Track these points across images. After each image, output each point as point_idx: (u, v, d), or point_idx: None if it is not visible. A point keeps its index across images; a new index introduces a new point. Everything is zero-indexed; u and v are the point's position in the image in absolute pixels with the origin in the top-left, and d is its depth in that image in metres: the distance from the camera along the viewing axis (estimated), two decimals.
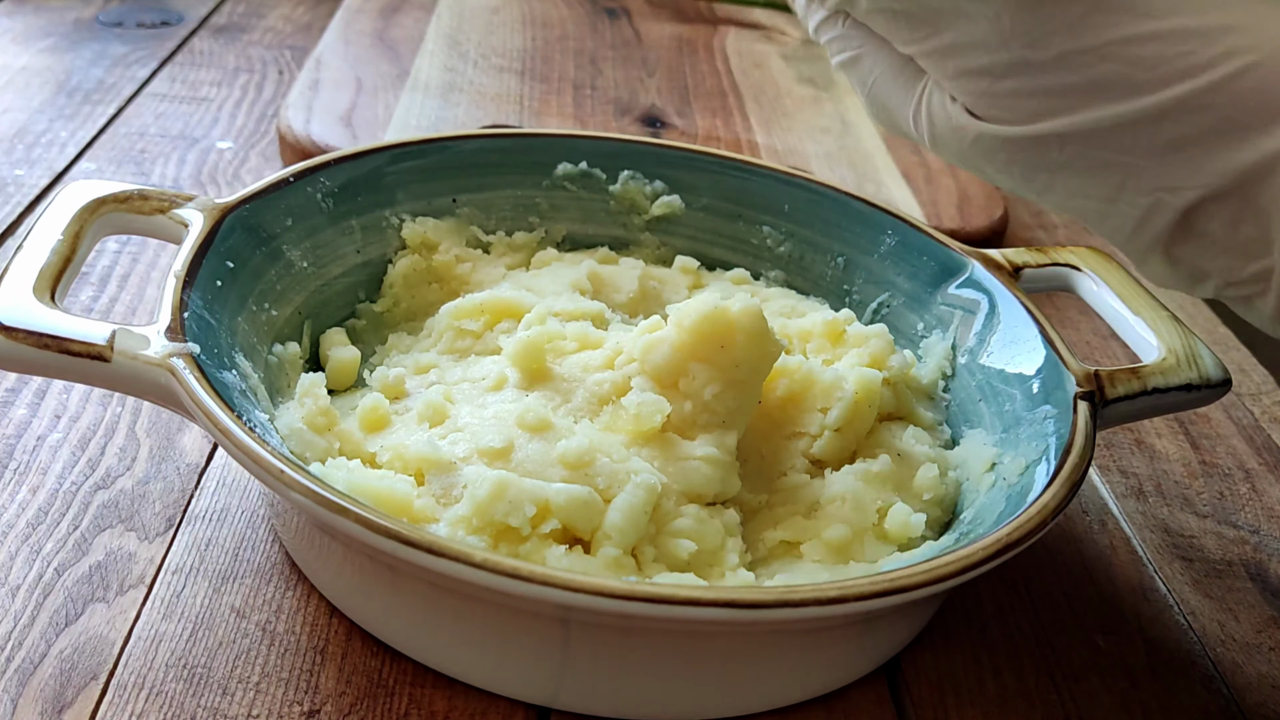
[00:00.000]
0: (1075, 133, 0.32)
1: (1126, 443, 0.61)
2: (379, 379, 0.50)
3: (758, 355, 0.45)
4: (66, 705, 0.40)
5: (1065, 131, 0.33)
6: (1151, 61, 0.31)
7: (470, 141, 0.60)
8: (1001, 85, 0.33)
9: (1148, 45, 0.31)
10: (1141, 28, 0.31)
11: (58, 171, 0.76)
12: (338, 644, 0.43)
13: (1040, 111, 0.33)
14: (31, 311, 0.42)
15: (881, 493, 0.47)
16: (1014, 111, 0.33)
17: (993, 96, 0.34)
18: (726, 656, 0.41)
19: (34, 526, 0.47)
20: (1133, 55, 0.31)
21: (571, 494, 0.42)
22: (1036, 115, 0.33)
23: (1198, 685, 0.46)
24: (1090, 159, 0.33)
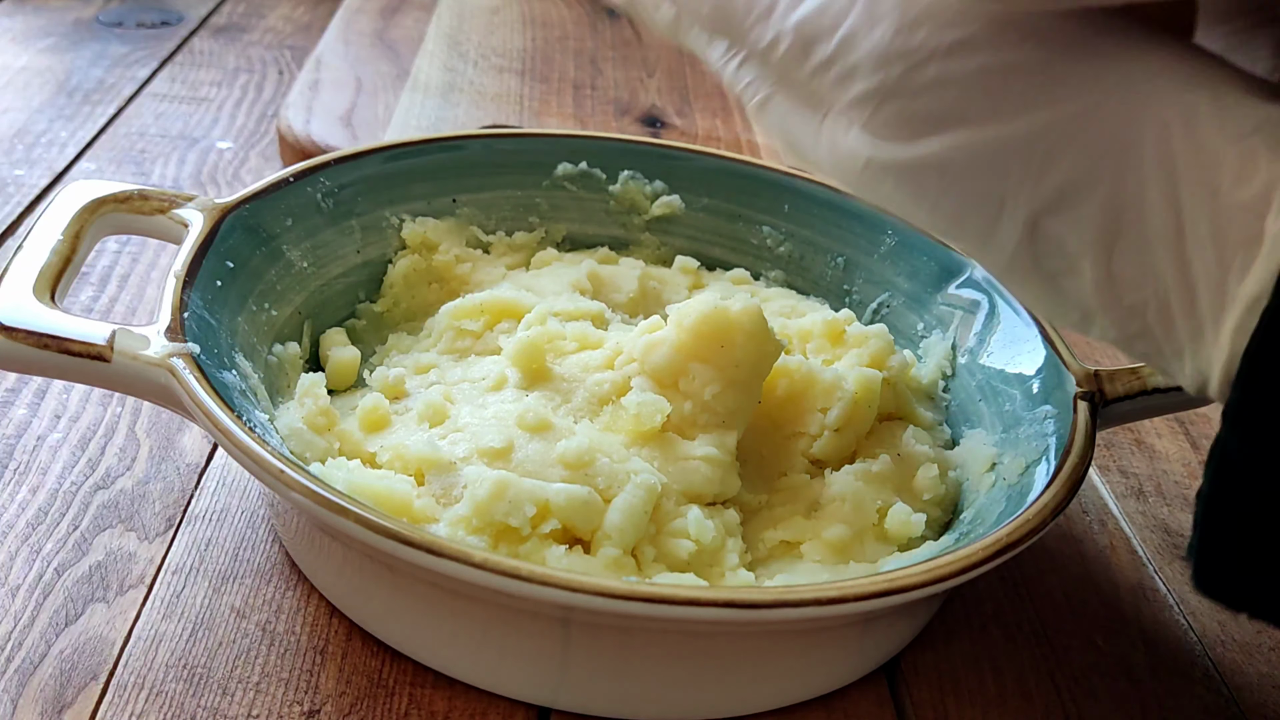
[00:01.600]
0: (952, 160, 0.34)
1: (1126, 443, 0.61)
2: (379, 379, 0.50)
3: (758, 355, 0.45)
4: (66, 705, 0.40)
5: (942, 158, 0.34)
6: (1018, 90, 0.32)
7: (470, 141, 0.60)
8: (883, 110, 0.35)
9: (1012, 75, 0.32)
10: (1008, 56, 0.32)
11: (58, 171, 0.76)
12: (338, 644, 0.43)
13: (918, 136, 0.34)
14: (31, 311, 0.42)
15: (881, 493, 0.47)
16: (895, 135, 0.35)
17: (876, 122, 0.35)
18: (726, 656, 0.41)
19: (34, 526, 0.47)
20: (998, 85, 0.32)
21: (571, 494, 0.42)
22: (915, 140, 0.34)
23: (1198, 685, 0.46)
24: (969, 187, 0.34)
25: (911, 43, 0.33)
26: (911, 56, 0.33)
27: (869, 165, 0.36)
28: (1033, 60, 0.32)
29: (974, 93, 0.33)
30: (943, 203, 0.35)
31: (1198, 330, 0.31)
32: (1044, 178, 0.32)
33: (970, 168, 0.33)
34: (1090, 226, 0.32)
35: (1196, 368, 0.31)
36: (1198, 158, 0.30)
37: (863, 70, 0.34)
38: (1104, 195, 0.31)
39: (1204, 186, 0.29)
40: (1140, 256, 0.31)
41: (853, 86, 0.35)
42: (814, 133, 0.38)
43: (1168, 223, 0.30)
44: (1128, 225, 0.31)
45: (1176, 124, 0.30)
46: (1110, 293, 0.32)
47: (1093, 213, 0.32)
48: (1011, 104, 0.32)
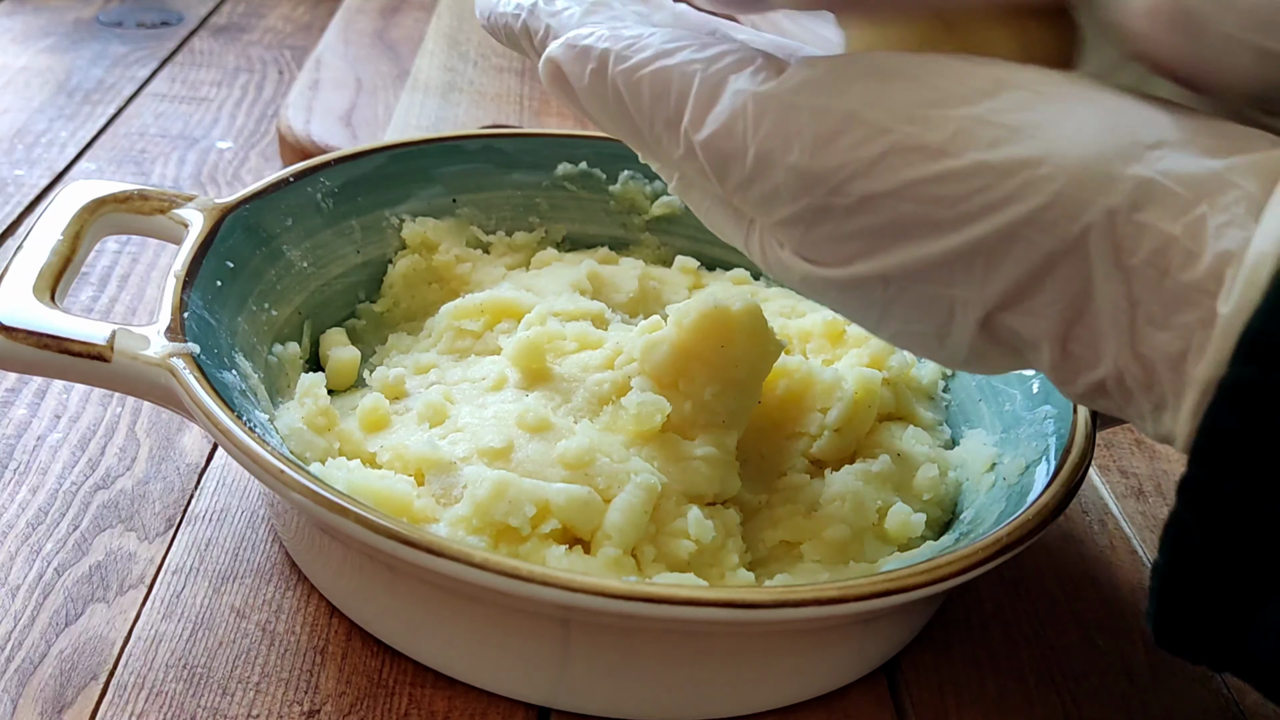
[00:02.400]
0: (895, 273, 0.32)
1: (1126, 443, 0.61)
2: (379, 379, 0.50)
3: (757, 355, 0.45)
4: (66, 705, 0.40)
5: (884, 272, 0.32)
6: (950, 200, 0.31)
7: (470, 141, 0.60)
8: (815, 232, 0.33)
9: (945, 184, 0.31)
10: (936, 167, 0.31)
11: (58, 171, 0.76)
12: (338, 644, 0.43)
13: (855, 254, 0.33)
14: (31, 311, 0.42)
15: (881, 493, 0.47)
16: (831, 254, 0.33)
17: (809, 243, 0.33)
18: (726, 656, 0.41)
19: (34, 526, 0.47)
20: (931, 195, 0.31)
21: (571, 494, 0.42)
22: (852, 258, 0.33)
23: (1198, 685, 0.46)
24: (916, 294, 0.33)
25: (830, 162, 0.32)
26: (833, 176, 0.32)
27: (805, 282, 0.35)
28: (964, 165, 0.30)
29: (908, 208, 0.31)
30: (890, 312, 0.34)
31: (1159, 404, 0.30)
32: (991, 280, 0.31)
33: (914, 279, 0.32)
34: (1045, 316, 0.31)
35: (1158, 432, 0.31)
36: (1144, 241, 0.29)
37: (784, 194, 0.33)
38: (1055, 288, 0.31)
39: (1154, 269, 0.29)
40: (1095, 340, 0.31)
41: (776, 210, 0.33)
42: (740, 237, 0.37)
43: (1120, 309, 0.30)
44: (1081, 312, 0.31)
45: (1120, 209, 0.29)
46: (1068, 370, 0.32)
47: (1045, 304, 0.31)
48: (949, 214, 0.31)
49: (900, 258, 0.32)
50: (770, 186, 0.33)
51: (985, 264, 0.31)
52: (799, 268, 0.34)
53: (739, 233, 0.37)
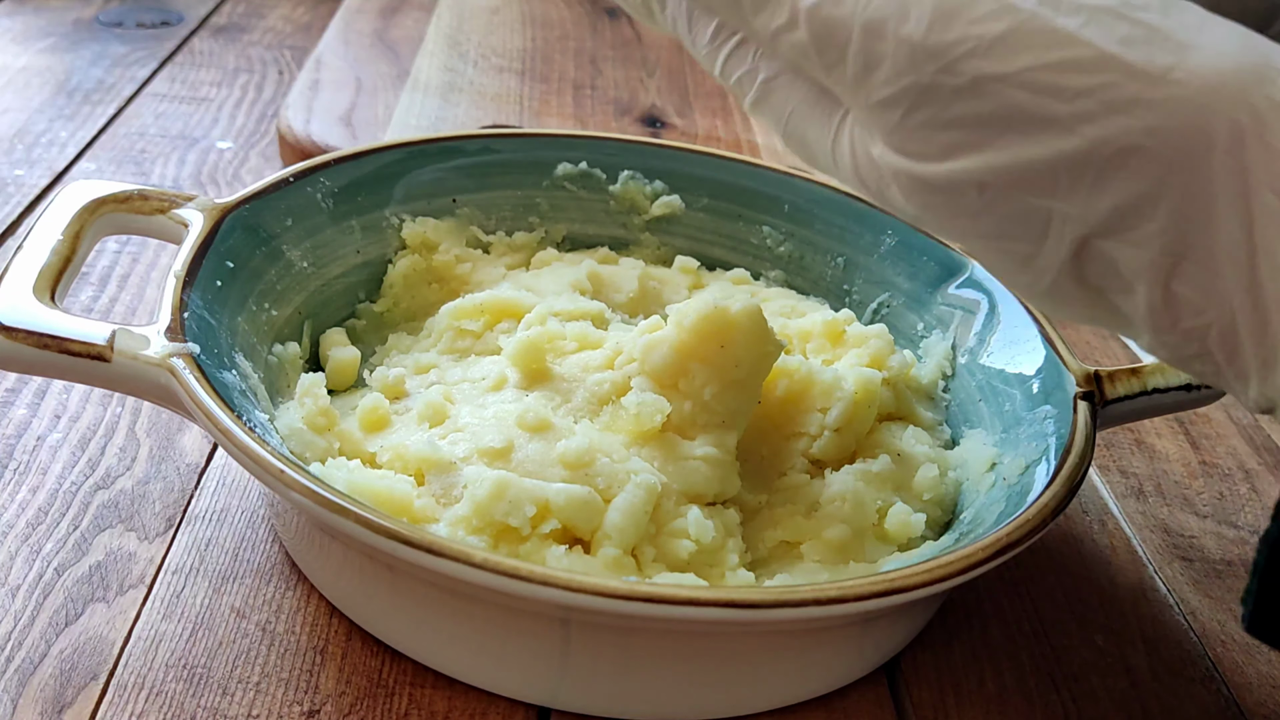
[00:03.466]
0: (994, 175, 0.30)
1: (1126, 443, 0.61)
2: (379, 379, 0.50)
3: (757, 355, 0.45)
4: (66, 705, 0.40)
5: (983, 171, 0.30)
6: (1070, 93, 0.28)
7: (470, 141, 0.60)
8: (915, 116, 0.30)
9: (1067, 74, 0.28)
10: (1061, 54, 0.28)
11: (58, 171, 0.76)
12: (338, 644, 0.43)
13: (956, 147, 0.30)
14: (31, 311, 0.42)
15: (881, 493, 0.47)
16: (929, 145, 0.31)
17: (907, 129, 0.31)
18: (726, 656, 0.41)
19: (34, 526, 0.47)
20: (1050, 84, 0.28)
21: (571, 494, 0.42)
22: (952, 151, 0.30)
23: (1198, 685, 0.46)
24: (1012, 203, 0.30)
25: (948, 36, 0.29)
26: (948, 53, 0.29)
27: (894, 180, 0.32)
28: (1092, 56, 0.28)
29: (1023, 97, 0.29)
30: (979, 223, 0.31)
31: (1269, 359, 0.28)
32: (1100, 195, 0.29)
33: (1014, 185, 0.30)
34: (1150, 247, 0.29)
35: (1264, 393, 0.29)
36: (1272, 165, 0.27)
37: (890, 69, 0.30)
38: (1168, 212, 0.28)
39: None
40: (1205, 278, 0.28)
41: (878, 86, 0.31)
42: (828, 135, 0.34)
43: (1239, 241, 0.27)
44: (1193, 245, 0.28)
45: (1250, 128, 0.27)
46: (1168, 315, 0.29)
47: (1154, 232, 0.28)
48: (1066, 109, 0.28)
49: (1005, 156, 0.29)
50: (876, 59, 0.30)
51: (1096, 174, 0.28)
52: (890, 162, 0.32)
53: (826, 132, 0.34)
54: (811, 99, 0.35)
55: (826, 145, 0.35)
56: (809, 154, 0.36)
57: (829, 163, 0.35)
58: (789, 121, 0.36)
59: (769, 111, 0.36)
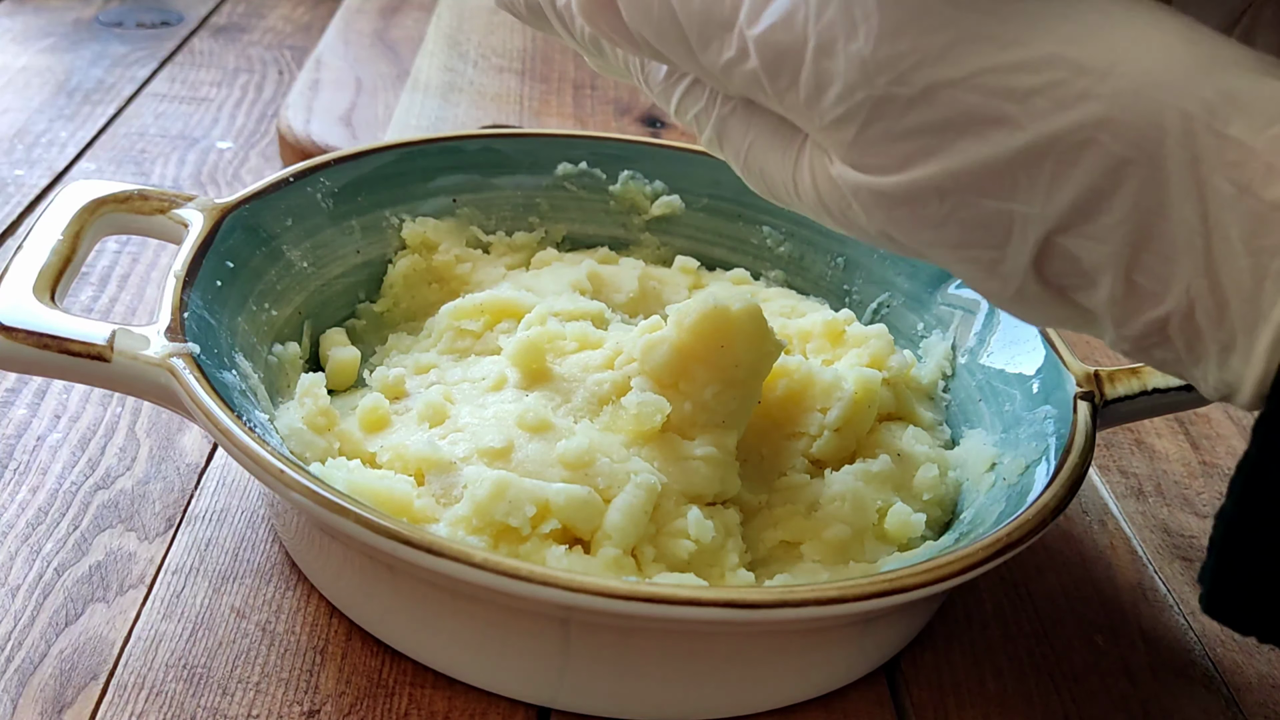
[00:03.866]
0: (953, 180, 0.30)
1: (1126, 443, 0.61)
2: (379, 379, 0.50)
3: (757, 355, 0.45)
4: (66, 705, 0.40)
5: (942, 178, 0.30)
6: (1020, 93, 0.29)
7: (470, 141, 0.60)
8: (871, 129, 0.31)
9: (1016, 75, 0.29)
10: (1008, 56, 0.29)
11: (58, 171, 0.76)
12: (338, 644, 0.43)
13: (913, 155, 0.30)
14: (31, 311, 0.42)
15: (881, 493, 0.47)
16: (887, 156, 0.31)
17: (864, 143, 0.31)
18: (726, 656, 0.41)
19: (34, 526, 0.47)
20: (1000, 86, 0.29)
21: (571, 494, 0.42)
22: (910, 160, 0.31)
23: (1198, 685, 0.46)
24: (973, 209, 0.30)
25: (898, 47, 0.30)
26: (898, 64, 0.30)
27: (855, 197, 0.33)
28: (1038, 56, 0.29)
29: (974, 100, 0.29)
30: (943, 233, 0.31)
31: (1227, 343, 0.28)
32: (1058, 191, 0.29)
33: (974, 189, 0.30)
34: (1110, 240, 0.29)
35: (1222, 379, 0.29)
36: (1223, 153, 0.27)
37: (843, 86, 0.31)
38: (1124, 204, 0.28)
39: (1233, 184, 0.27)
40: (1164, 267, 0.29)
41: (832, 105, 0.31)
42: (788, 165, 0.35)
43: (1194, 228, 0.28)
44: (1151, 234, 0.29)
45: (1199, 117, 0.27)
46: (1129, 306, 0.30)
47: (1112, 224, 0.29)
48: (1017, 108, 0.29)
49: (961, 159, 0.30)
50: (828, 78, 0.31)
51: (1053, 171, 0.29)
52: (850, 180, 0.32)
53: (786, 161, 0.35)
54: (769, 130, 0.35)
55: (787, 175, 0.35)
56: (770, 186, 0.36)
57: (790, 193, 0.35)
58: (748, 155, 0.36)
59: (728, 147, 0.37)
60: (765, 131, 0.35)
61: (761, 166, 0.36)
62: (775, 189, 0.36)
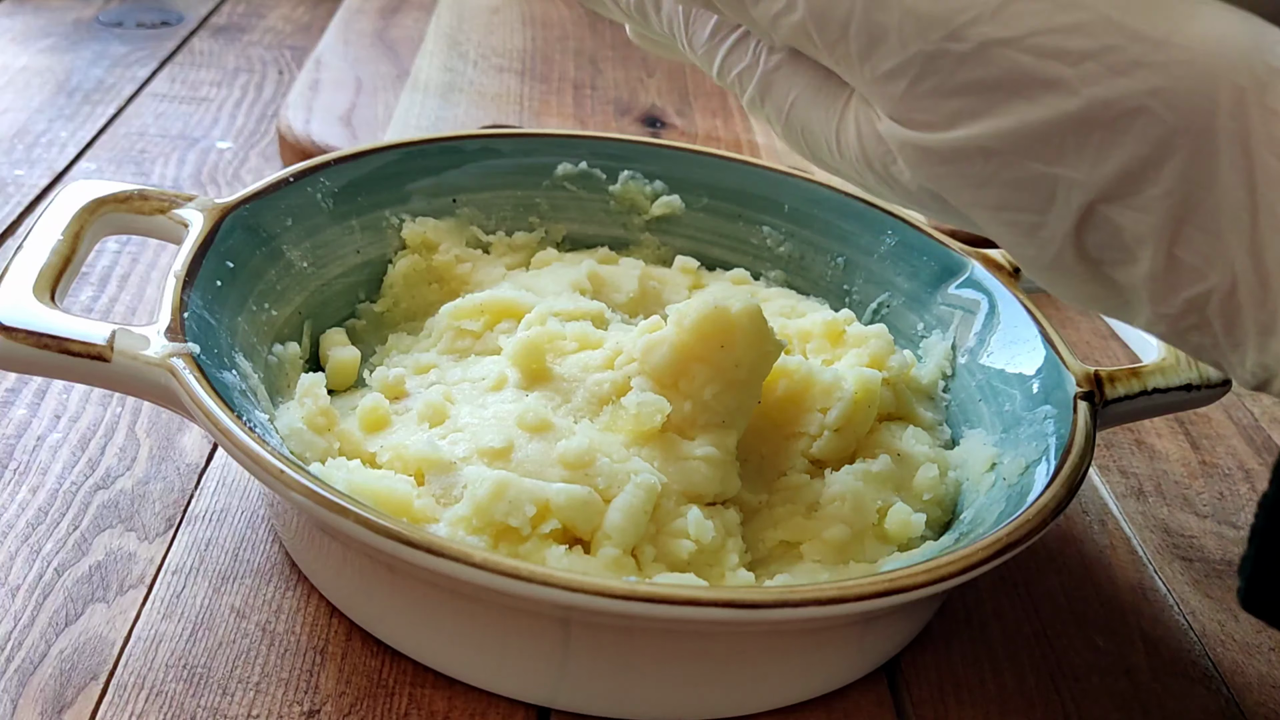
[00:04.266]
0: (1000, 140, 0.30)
1: (1126, 443, 0.61)
2: (379, 379, 0.50)
3: (758, 355, 0.45)
4: (66, 705, 0.40)
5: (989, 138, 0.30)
6: (1075, 55, 0.28)
7: (470, 141, 0.60)
8: (921, 84, 0.30)
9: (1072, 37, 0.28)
10: (1066, 18, 0.29)
11: (58, 171, 0.76)
12: (338, 644, 0.43)
13: (962, 113, 0.30)
14: (31, 311, 0.42)
15: (881, 493, 0.47)
16: (935, 113, 0.31)
17: (913, 98, 0.31)
18: (726, 656, 0.41)
19: (34, 526, 0.47)
20: (1055, 47, 0.29)
21: (571, 494, 0.42)
22: (958, 117, 0.30)
23: (1198, 685, 0.46)
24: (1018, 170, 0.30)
25: (954, 3, 0.29)
26: (953, 19, 0.29)
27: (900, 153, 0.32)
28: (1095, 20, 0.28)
29: (1028, 60, 0.29)
30: (986, 193, 0.31)
31: (1268, 325, 0.28)
32: (1105, 158, 0.29)
33: (1020, 150, 0.30)
34: (1155, 211, 0.29)
35: (1261, 362, 0.29)
36: (1274, 129, 0.27)
37: (895, 39, 0.30)
38: (1172, 175, 0.28)
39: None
40: (1208, 242, 0.28)
41: (883, 58, 0.31)
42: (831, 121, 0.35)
43: (1241, 204, 0.28)
44: (1196, 208, 0.28)
45: (1251, 91, 0.27)
46: (1169, 282, 0.30)
47: (1158, 195, 0.29)
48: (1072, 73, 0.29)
49: (1010, 120, 0.30)
50: (880, 31, 0.31)
51: (1101, 138, 0.29)
52: (896, 135, 0.32)
53: (830, 117, 0.35)
54: (814, 86, 0.35)
55: (830, 131, 0.35)
56: (811, 144, 0.36)
57: (832, 151, 0.35)
58: (790, 112, 0.36)
59: (770, 104, 0.36)
60: (810, 87, 0.35)
61: (804, 123, 0.35)
62: (816, 147, 0.36)
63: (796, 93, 0.36)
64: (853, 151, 0.34)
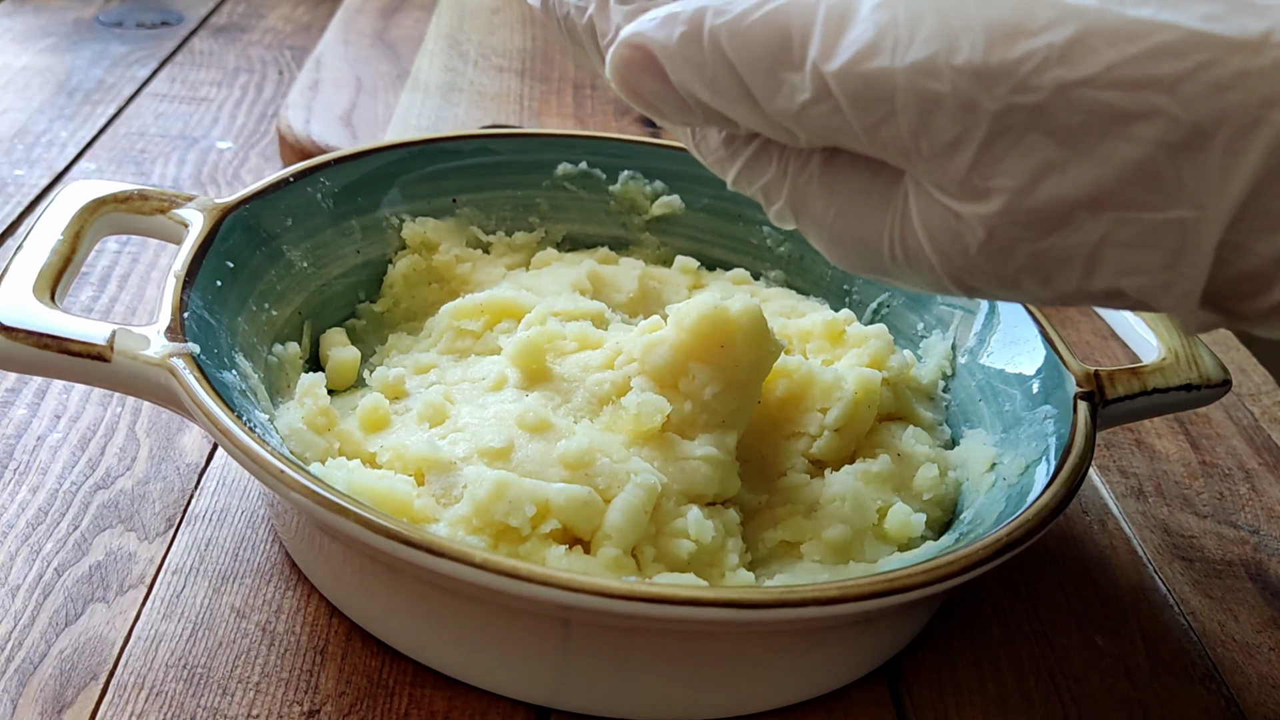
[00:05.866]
0: (1107, 188, 0.27)
1: (1126, 443, 0.61)
2: (379, 379, 0.50)
3: (758, 355, 0.45)
4: (66, 705, 0.40)
5: (1093, 189, 0.27)
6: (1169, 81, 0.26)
7: (470, 141, 0.60)
8: (995, 147, 0.27)
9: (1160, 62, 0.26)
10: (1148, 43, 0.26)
11: (58, 171, 0.76)
12: (338, 644, 0.43)
13: (1049, 167, 0.27)
14: (31, 311, 0.42)
15: (881, 493, 0.47)
16: (1016, 176, 0.27)
17: (988, 165, 0.28)
18: (726, 656, 0.41)
19: (34, 526, 0.47)
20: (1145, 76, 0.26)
21: (571, 494, 0.42)
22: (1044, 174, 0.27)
23: (1198, 685, 0.46)
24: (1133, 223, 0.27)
25: (1014, 52, 0.27)
26: (1018, 69, 0.27)
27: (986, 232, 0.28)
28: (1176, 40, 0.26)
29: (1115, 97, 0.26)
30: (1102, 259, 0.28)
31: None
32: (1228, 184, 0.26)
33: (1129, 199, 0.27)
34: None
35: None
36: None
37: (950, 104, 0.27)
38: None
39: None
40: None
41: (943, 129, 0.28)
42: (887, 225, 0.31)
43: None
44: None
45: None
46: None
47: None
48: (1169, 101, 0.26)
49: (1114, 164, 0.27)
50: (933, 100, 0.27)
51: (1221, 163, 0.26)
52: (975, 214, 0.28)
53: (885, 217, 0.31)
54: (859, 188, 0.31)
55: (889, 237, 0.31)
56: (865, 254, 0.32)
57: (894, 255, 0.31)
58: (835, 223, 0.32)
59: (807, 219, 0.32)
60: (855, 192, 0.31)
61: (854, 233, 0.32)
62: (873, 256, 0.32)
63: (838, 202, 0.32)
64: (923, 253, 0.30)
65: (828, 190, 0.32)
